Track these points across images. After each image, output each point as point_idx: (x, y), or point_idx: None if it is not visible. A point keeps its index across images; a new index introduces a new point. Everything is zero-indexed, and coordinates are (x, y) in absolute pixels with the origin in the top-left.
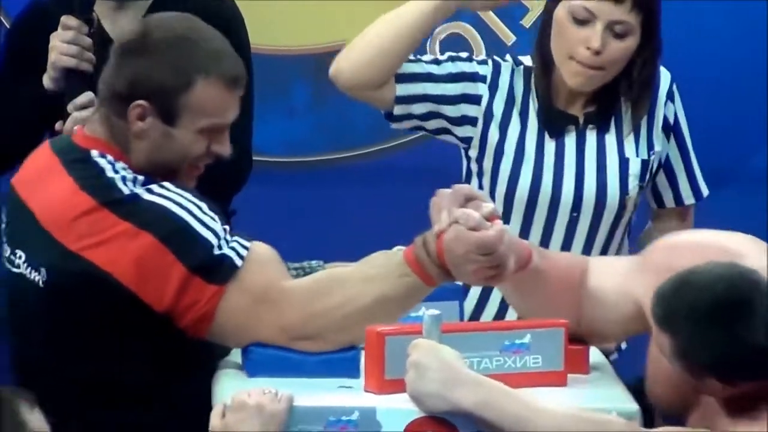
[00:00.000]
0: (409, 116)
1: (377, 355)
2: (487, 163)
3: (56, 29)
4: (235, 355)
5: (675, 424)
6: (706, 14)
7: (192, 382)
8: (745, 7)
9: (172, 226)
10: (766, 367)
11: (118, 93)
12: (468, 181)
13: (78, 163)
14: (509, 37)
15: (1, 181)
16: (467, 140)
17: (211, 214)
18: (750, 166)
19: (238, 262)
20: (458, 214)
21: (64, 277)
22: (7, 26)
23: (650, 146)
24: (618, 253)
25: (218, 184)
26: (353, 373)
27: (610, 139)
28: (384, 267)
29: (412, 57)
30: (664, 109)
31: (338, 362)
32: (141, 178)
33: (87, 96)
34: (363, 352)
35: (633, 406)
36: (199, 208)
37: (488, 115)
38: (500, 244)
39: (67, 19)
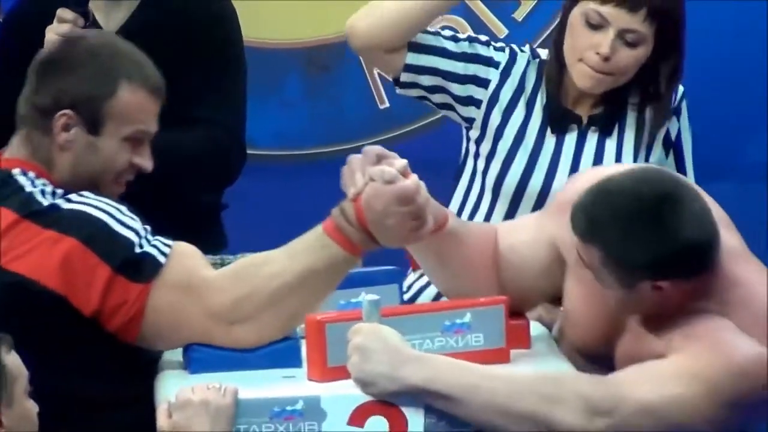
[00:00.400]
0: (416, 85)
1: (318, 343)
2: (485, 147)
3: (52, 19)
4: (176, 354)
5: (599, 366)
6: (706, 14)
7: (136, 386)
8: (745, 7)
9: (92, 228)
10: (699, 261)
11: (41, 108)
12: (465, 161)
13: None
14: (501, 31)
15: None
16: (470, 120)
17: (131, 215)
18: (749, 159)
19: (162, 259)
20: (373, 171)
21: None
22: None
23: (647, 156)
24: None
25: (210, 176)
26: (295, 362)
27: (611, 144)
28: (305, 241)
29: (431, 29)
30: (668, 125)
31: (279, 353)
32: (60, 191)
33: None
34: (304, 341)
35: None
36: (119, 210)
37: (493, 99)
38: (418, 194)
39: (63, 12)
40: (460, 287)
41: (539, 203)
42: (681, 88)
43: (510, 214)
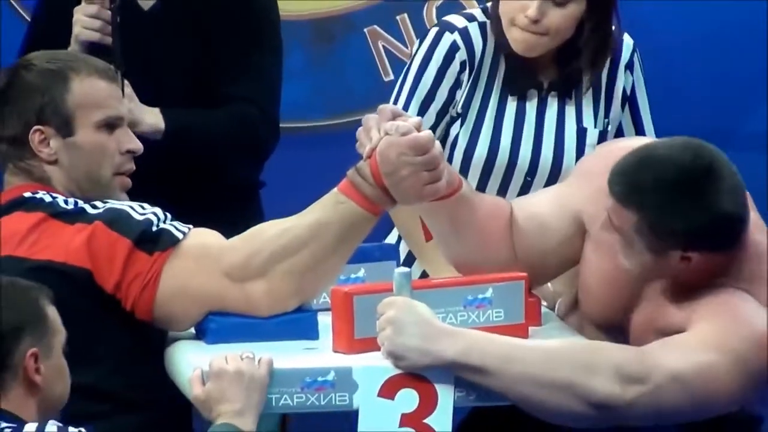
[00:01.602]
0: None
1: (346, 316)
2: (455, 127)
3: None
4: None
5: (612, 338)
6: (706, 14)
7: (155, 389)
8: (745, 12)
9: (114, 214)
10: (731, 235)
11: (14, 137)
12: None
13: (17, 205)
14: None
15: None
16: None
17: (151, 207)
18: (749, 129)
19: (179, 235)
20: (387, 126)
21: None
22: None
23: (607, 113)
24: None
25: (241, 153)
26: (311, 334)
27: (570, 108)
28: (319, 202)
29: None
30: (623, 79)
31: (296, 323)
32: (80, 201)
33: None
34: (320, 313)
35: None
36: (139, 204)
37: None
38: (433, 144)
39: None
40: (471, 256)
41: (509, 172)
42: (631, 42)
43: (480, 186)
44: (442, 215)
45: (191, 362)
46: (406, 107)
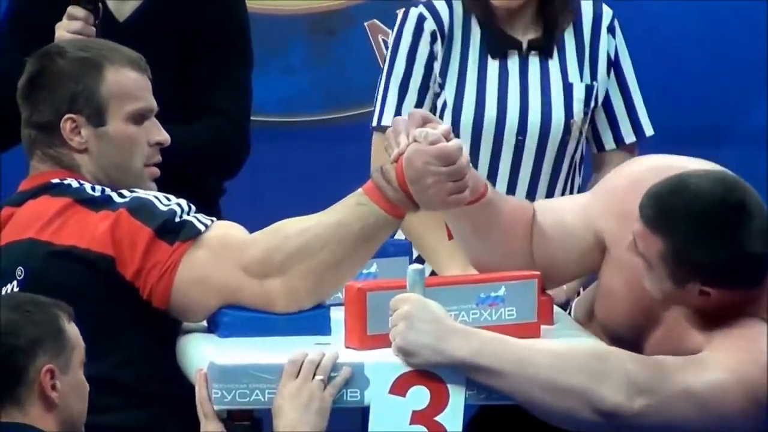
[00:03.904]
0: None
1: (359, 312)
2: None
3: (61, 16)
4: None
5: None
6: (706, 14)
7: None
8: (745, 7)
9: (139, 202)
10: (755, 275)
11: (45, 124)
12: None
13: (43, 190)
14: None
15: None
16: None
17: (176, 199)
18: (749, 124)
19: (201, 227)
20: (416, 133)
21: (42, 268)
22: None
23: (594, 74)
24: (565, 192)
25: (214, 168)
26: (324, 330)
27: (554, 65)
28: (342, 201)
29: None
30: (606, 41)
31: (309, 319)
32: (107, 188)
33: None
34: (331, 309)
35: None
36: (164, 195)
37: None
38: (460, 155)
39: (73, 10)
40: (491, 258)
41: (498, 133)
42: (610, 11)
43: (473, 150)
44: (464, 220)
45: (204, 355)
46: (385, 92)
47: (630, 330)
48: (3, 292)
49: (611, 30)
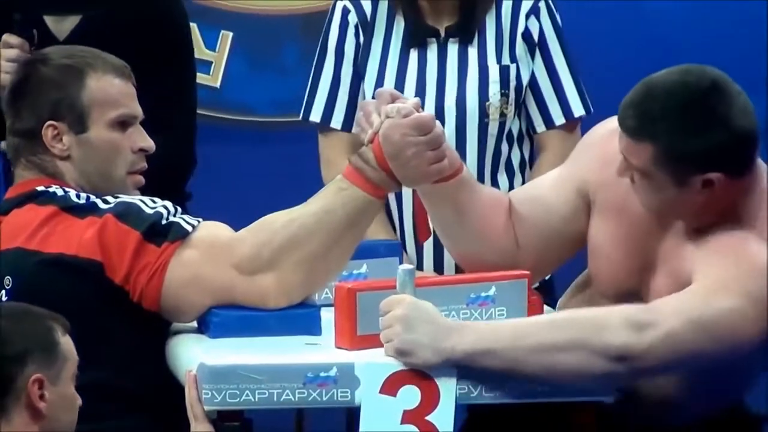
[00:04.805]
0: None
1: (349, 312)
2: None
3: None
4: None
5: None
6: (706, 14)
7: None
8: (745, 7)
9: (125, 207)
10: (749, 151)
11: (28, 131)
12: None
13: (29, 198)
14: None
15: None
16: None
17: (162, 201)
18: None
19: (189, 227)
20: (388, 109)
21: (31, 277)
22: None
23: (512, 56)
24: (504, 171)
25: (165, 181)
26: (314, 330)
27: (473, 51)
28: (323, 190)
29: None
30: (526, 22)
31: (299, 319)
32: (92, 195)
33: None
34: (322, 309)
35: None
36: (150, 198)
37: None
38: (434, 123)
39: (9, 38)
40: (474, 246)
41: None
42: None
43: None
44: (445, 200)
45: (193, 356)
46: (314, 86)
47: (629, 275)
48: None
49: (534, 11)
